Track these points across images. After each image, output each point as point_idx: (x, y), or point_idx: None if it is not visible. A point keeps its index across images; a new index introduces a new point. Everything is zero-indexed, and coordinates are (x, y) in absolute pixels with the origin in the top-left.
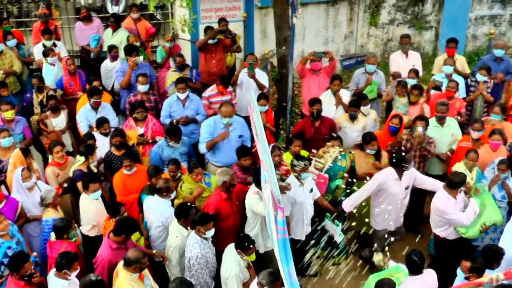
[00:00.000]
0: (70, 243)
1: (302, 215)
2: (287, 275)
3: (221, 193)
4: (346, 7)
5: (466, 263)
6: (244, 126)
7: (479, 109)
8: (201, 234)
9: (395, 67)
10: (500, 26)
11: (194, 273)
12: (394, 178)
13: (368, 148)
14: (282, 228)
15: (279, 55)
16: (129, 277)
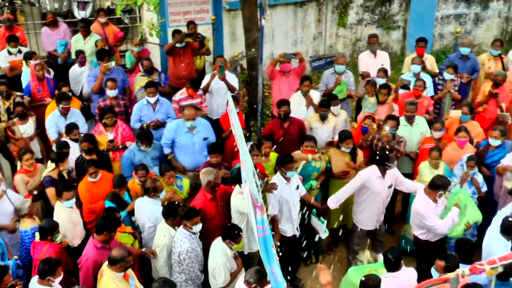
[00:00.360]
0: (52, 245)
1: (290, 212)
2: (270, 273)
3: (206, 193)
4: (314, 8)
5: (441, 262)
6: (209, 128)
7: (447, 107)
8: (189, 228)
9: (364, 67)
10: (465, 24)
11: (185, 268)
12: (377, 176)
13: (343, 146)
14: (262, 227)
15: (249, 57)
16: (114, 276)
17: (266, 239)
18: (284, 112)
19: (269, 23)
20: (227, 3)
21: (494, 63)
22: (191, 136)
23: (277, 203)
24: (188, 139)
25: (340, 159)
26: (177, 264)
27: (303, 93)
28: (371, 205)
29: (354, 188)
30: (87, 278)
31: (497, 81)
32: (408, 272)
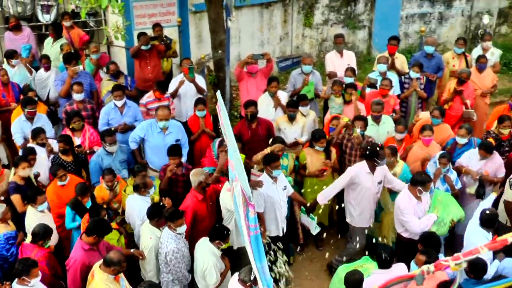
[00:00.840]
0: (41, 249)
1: (275, 212)
2: (261, 272)
3: (197, 194)
4: (280, 9)
5: (422, 257)
6: (181, 130)
7: (413, 105)
8: (173, 230)
9: (331, 67)
10: (430, 23)
11: (172, 268)
12: (366, 172)
13: (317, 145)
14: (254, 225)
15: (216, 58)
16: (105, 278)
17: (258, 237)
18: (251, 113)
19: (235, 24)
20: (192, 5)
21: (458, 61)
22: (163, 137)
23: (262, 201)
24: (160, 139)
25: (316, 158)
26: (164, 264)
27: (270, 94)
28: (362, 201)
29: (343, 183)
30: (75, 279)
31: (462, 79)
32: (399, 268)
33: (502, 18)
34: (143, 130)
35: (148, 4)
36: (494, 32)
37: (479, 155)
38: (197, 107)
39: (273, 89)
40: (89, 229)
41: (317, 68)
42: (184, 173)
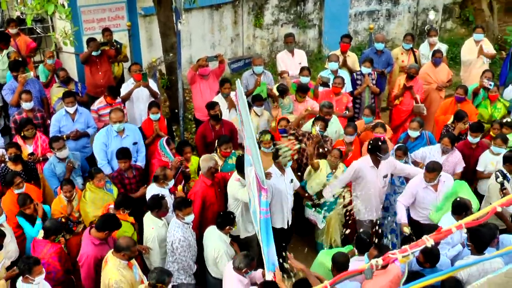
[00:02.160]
0: (53, 245)
1: (282, 204)
2: (266, 255)
3: (206, 179)
4: (230, 11)
5: (374, 251)
6: (138, 133)
7: (367, 101)
8: (181, 219)
9: (282, 67)
10: (378, 21)
11: (177, 257)
12: (370, 166)
13: (262, 146)
14: (265, 209)
15: (167, 62)
16: (118, 264)
17: (268, 221)
18: (219, 113)
19: (186, 27)
20: (142, 9)
21: (407, 57)
22: (121, 140)
23: (269, 193)
24: (117, 143)
25: (264, 160)
26: (170, 253)
27: (223, 95)
28: (368, 195)
29: (348, 178)
30: (88, 274)
31: (411, 74)
32: None
33: (447, 13)
34: (105, 138)
35: (96, 9)
36: (440, 27)
37: (442, 146)
38: (151, 111)
39: (226, 90)
40: (101, 226)
41: (269, 68)
42: (136, 175)
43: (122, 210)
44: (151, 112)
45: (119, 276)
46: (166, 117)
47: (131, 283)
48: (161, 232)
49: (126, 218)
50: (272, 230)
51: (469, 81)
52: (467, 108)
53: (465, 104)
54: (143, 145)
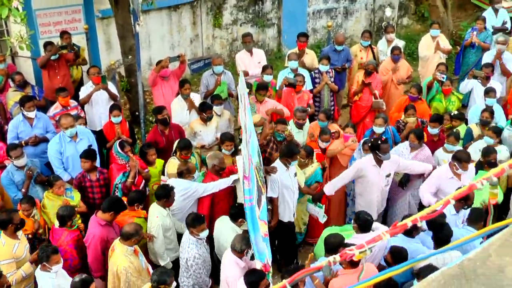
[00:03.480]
0: (70, 232)
1: (288, 198)
2: (254, 242)
3: (213, 176)
4: (188, 11)
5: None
6: (91, 135)
7: (326, 98)
8: (196, 235)
9: (242, 66)
10: (336, 18)
11: (192, 273)
12: (372, 165)
13: (224, 148)
14: (249, 197)
15: (126, 64)
16: (126, 251)
17: (252, 208)
18: (167, 117)
19: (144, 28)
20: (99, 11)
21: (365, 54)
22: (75, 145)
23: (276, 187)
24: (72, 148)
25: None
26: (184, 269)
27: (184, 96)
28: (369, 193)
29: (350, 176)
30: (96, 254)
31: (369, 70)
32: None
33: (403, 10)
34: (58, 145)
35: (52, 12)
36: (397, 24)
37: (410, 144)
38: (112, 114)
39: (186, 91)
40: (107, 207)
41: (229, 68)
42: (100, 178)
43: (137, 206)
44: (112, 115)
45: (127, 262)
46: (127, 119)
47: (138, 269)
48: (165, 221)
49: (140, 214)
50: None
51: (427, 76)
52: (421, 107)
53: (419, 104)
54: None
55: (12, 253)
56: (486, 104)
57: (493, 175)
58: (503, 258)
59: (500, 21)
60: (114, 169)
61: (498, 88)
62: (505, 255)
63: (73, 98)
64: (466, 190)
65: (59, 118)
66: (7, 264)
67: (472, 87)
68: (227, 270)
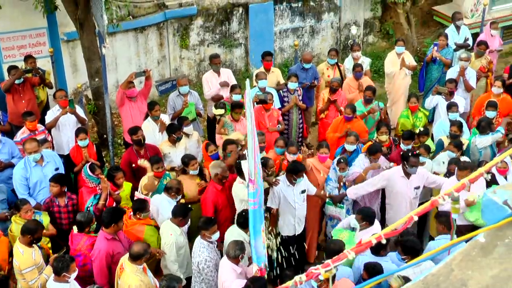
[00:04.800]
0: (89, 237)
1: (289, 213)
2: (253, 246)
3: (216, 185)
4: (155, 33)
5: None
6: (57, 158)
7: (295, 116)
8: (207, 238)
9: (209, 87)
10: (302, 37)
11: (204, 277)
12: (401, 176)
13: (190, 169)
14: (253, 200)
15: (93, 87)
16: (136, 270)
17: (255, 212)
18: (142, 137)
19: (111, 51)
20: (64, 34)
21: (332, 71)
22: (41, 169)
23: (276, 199)
24: (39, 172)
25: (190, 183)
26: (196, 274)
27: (154, 118)
28: (397, 204)
29: (375, 185)
30: (101, 268)
31: (333, 87)
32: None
33: (369, 28)
34: (24, 170)
35: (16, 36)
36: (362, 41)
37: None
38: (78, 137)
39: (156, 113)
40: (106, 222)
41: (198, 89)
42: (68, 204)
43: (138, 214)
44: (79, 138)
45: (138, 281)
46: (94, 142)
47: (148, 287)
48: (179, 239)
49: (149, 222)
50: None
51: (393, 92)
52: (356, 126)
53: (355, 122)
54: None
55: (33, 260)
56: (449, 119)
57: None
58: (466, 272)
59: (462, 38)
60: (84, 192)
61: (462, 103)
62: (467, 269)
63: (30, 118)
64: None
65: (24, 144)
66: (30, 272)
67: (437, 103)
68: (224, 275)
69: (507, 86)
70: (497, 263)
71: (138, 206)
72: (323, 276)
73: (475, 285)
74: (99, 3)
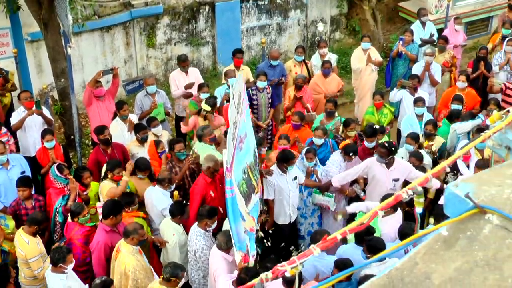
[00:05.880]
0: (81, 227)
1: (284, 202)
2: (235, 233)
3: (206, 177)
4: (121, 32)
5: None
6: (24, 161)
7: (264, 114)
8: (208, 227)
9: (177, 86)
10: (269, 34)
11: (201, 265)
12: (380, 164)
13: (140, 174)
14: (230, 188)
15: (59, 87)
16: (131, 250)
17: (234, 199)
18: (109, 136)
19: (77, 51)
20: (28, 34)
21: (299, 69)
22: (7, 172)
23: (272, 190)
24: (4, 176)
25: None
26: (193, 262)
27: (122, 117)
28: (374, 193)
29: (358, 171)
30: (99, 260)
31: (299, 84)
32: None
33: (335, 25)
34: None
35: None
36: (329, 38)
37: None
38: (44, 139)
39: (125, 112)
40: (105, 214)
41: (165, 88)
42: (36, 206)
43: (127, 207)
44: (45, 140)
45: (135, 261)
46: (62, 144)
47: (144, 268)
48: (181, 238)
49: (138, 214)
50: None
51: (360, 88)
52: (304, 134)
53: (303, 130)
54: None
55: (38, 249)
56: (416, 114)
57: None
58: (429, 265)
59: (428, 34)
60: (52, 194)
61: (426, 97)
62: (431, 262)
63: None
64: (392, 201)
65: None
66: (36, 261)
67: (401, 98)
68: (215, 264)
69: (471, 81)
70: (460, 255)
71: (127, 200)
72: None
73: (438, 278)
74: (63, 3)
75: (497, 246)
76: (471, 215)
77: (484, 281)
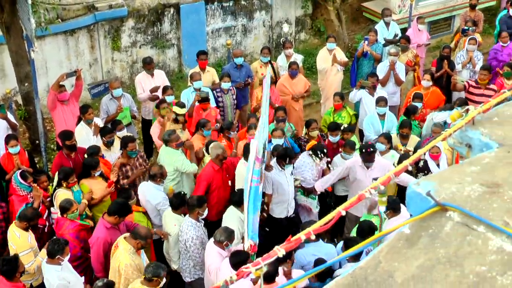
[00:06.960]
0: (71, 222)
1: (283, 196)
2: (250, 223)
3: (214, 165)
4: (85, 35)
5: None
6: None
7: (230, 115)
8: (200, 215)
9: (142, 89)
10: (235, 36)
11: (191, 255)
12: (359, 165)
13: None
14: (257, 177)
15: (23, 92)
16: (129, 248)
17: (257, 189)
18: (75, 143)
19: (40, 55)
20: None
21: (265, 69)
22: None
23: (270, 184)
24: None
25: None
26: (184, 251)
27: (87, 122)
28: (355, 192)
29: (339, 174)
30: (98, 256)
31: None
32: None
33: (300, 25)
34: None
35: None
36: (295, 39)
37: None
38: (9, 144)
39: (90, 116)
40: (111, 210)
41: (131, 91)
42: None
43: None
44: (9, 145)
45: (129, 260)
46: (26, 149)
47: (139, 268)
48: None
49: (138, 208)
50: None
51: (326, 88)
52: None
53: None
54: None
55: (29, 243)
56: (378, 113)
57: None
58: (392, 264)
59: (392, 34)
60: (15, 201)
61: (386, 96)
62: (394, 261)
63: None
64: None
65: None
66: (27, 255)
67: (361, 98)
68: (210, 259)
69: (435, 79)
70: (422, 253)
71: (125, 195)
72: (254, 275)
73: (401, 276)
74: (25, 6)
75: (458, 243)
76: (433, 213)
77: (445, 278)
